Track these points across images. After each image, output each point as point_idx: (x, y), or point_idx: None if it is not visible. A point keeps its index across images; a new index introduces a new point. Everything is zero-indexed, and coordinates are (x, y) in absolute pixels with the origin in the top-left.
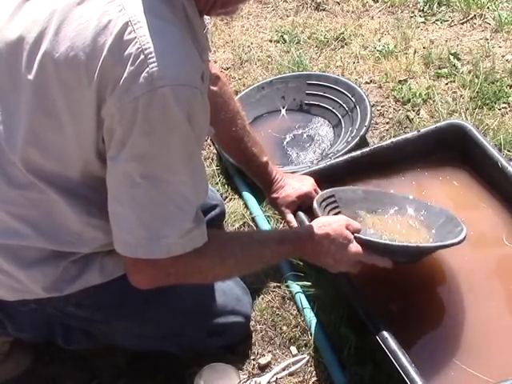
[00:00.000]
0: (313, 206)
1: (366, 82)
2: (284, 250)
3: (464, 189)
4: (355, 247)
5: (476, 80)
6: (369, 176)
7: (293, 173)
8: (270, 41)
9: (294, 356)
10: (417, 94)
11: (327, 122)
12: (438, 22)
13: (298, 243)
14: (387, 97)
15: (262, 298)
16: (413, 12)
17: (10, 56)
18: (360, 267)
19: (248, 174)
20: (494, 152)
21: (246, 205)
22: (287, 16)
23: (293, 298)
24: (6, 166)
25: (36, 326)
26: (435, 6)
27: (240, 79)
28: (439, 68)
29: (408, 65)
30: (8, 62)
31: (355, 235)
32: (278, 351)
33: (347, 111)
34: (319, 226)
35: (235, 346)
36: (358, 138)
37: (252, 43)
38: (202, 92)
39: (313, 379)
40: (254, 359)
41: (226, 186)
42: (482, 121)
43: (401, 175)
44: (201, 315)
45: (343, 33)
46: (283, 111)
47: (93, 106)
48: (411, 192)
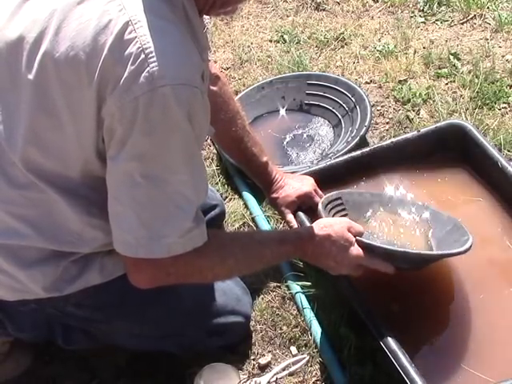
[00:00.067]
0: (318, 208)
1: (366, 82)
2: (285, 251)
3: (464, 189)
4: (356, 250)
5: (476, 80)
6: (369, 176)
7: (293, 173)
8: (270, 41)
9: (294, 356)
10: (417, 94)
11: (327, 122)
12: (438, 22)
13: (299, 243)
14: (387, 97)
15: (262, 298)
16: (413, 12)
17: (10, 56)
18: (361, 271)
19: (248, 174)
20: (494, 152)
21: (246, 205)
22: (287, 16)
23: (293, 298)
24: (6, 166)
25: (36, 326)
26: (435, 6)
27: (240, 79)
28: (439, 68)
29: (408, 65)
30: (8, 62)
31: (357, 238)
32: (278, 351)
33: (347, 111)
34: (321, 227)
35: (235, 346)
36: (358, 138)
37: (252, 43)
38: (203, 91)
39: (313, 379)
40: (254, 359)
41: (226, 186)
42: (482, 121)
43: (401, 175)
44: (201, 315)
45: (343, 33)
46: (283, 111)
47: (93, 106)
48: (411, 192)
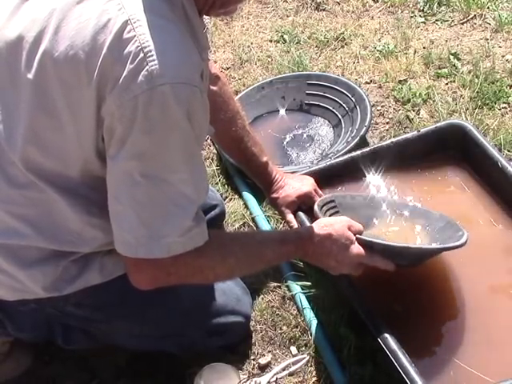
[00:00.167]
0: (314, 210)
1: (366, 82)
2: (285, 250)
3: (464, 189)
4: (357, 248)
5: (476, 80)
6: (369, 176)
7: (293, 173)
8: (270, 41)
9: (294, 356)
10: (417, 94)
11: (327, 122)
12: (438, 22)
13: (300, 243)
14: (387, 97)
15: (262, 298)
16: (413, 12)
17: (10, 55)
18: (362, 270)
19: (248, 174)
20: (494, 152)
21: (246, 205)
22: (287, 16)
23: (293, 298)
24: (6, 166)
25: (36, 326)
26: (435, 6)
27: (240, 79)
28: (439, 68)
29: (408, 65)
30: (8, 62)
31: (357, 236)
32: (278, 351)
33: (347, 111)
34: (321, 227)
35: (235, 346)
36: (358, 138)
37: (252, 43)
38: (202, 90)
39: (313, 379)
40: (254, 359)
41: (226, 186)
42: (482, 121)
43: (401, 175)
44: (201, 315)
45: (343, 33)
46: (283, 111)
47: (92, 105)
48: (411, 192)
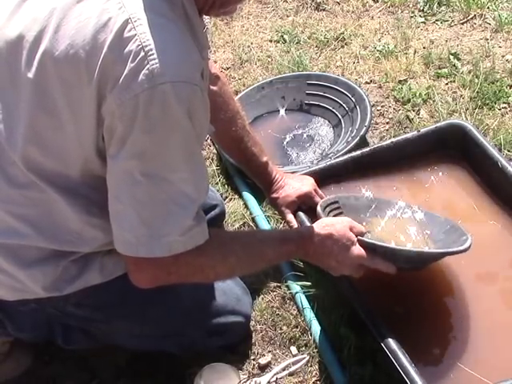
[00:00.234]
0: (317, 210)
1: (366, 82)
2: (286, 250)
3: (464, 189)
4: (358, 250)
5: (476, 80)
6: (369, 176)
7: (293, 173)
8: (270, 41)
9: (294, 356)
10: (417, 94)
11: (327, 122)
12: (438, 22)
13: (301, 243)
14: (387, 97)
15: (262, 298)
16: (413, 12)
17: (10, 55)
18: (363, 271)
19: (248, 174)
20: (494, 152)
21: (246, 205)
22: (287, 16)
23: (293, 298)
24: (6, 165)
25: (36, 326)
26: (435, 6)
27: (240, 79)
28: (439, 68)
29: (408, 65)
30: (8, 61)
31: (358, 238)
32: (278, 351)
33: (347, 111)
34: (322, 226)
35: (235, 346)
36: (358, 138)
37: (252, 43)
38: (202, 89)
39: (313, 379)
40: (254, 359)
41: (226, 186)
42: (482, 121)
43: (401, 175)
44: (201, 315)
45: (343, 33)
46: (283, 111)
47: (93, 104)
48: (411, 192)
